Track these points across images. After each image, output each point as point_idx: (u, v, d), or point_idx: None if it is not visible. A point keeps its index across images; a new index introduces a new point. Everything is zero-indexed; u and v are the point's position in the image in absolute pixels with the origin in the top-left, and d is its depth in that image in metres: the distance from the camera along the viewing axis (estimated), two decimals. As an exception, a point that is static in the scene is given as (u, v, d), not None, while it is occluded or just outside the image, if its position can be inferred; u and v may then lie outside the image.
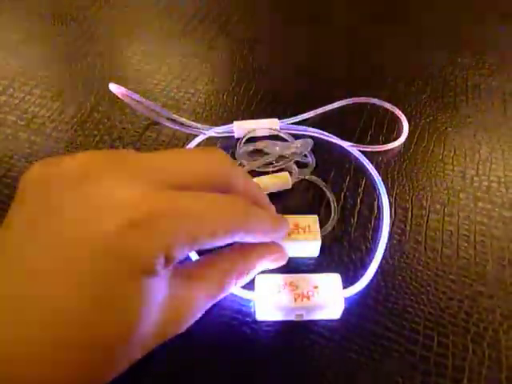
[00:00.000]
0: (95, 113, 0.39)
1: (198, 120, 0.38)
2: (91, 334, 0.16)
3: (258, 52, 0.45)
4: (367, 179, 0.33)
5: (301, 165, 0.33)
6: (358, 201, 0.32)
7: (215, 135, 0.37)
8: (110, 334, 0.17)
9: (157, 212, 0.17)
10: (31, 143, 0.36)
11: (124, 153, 0.20)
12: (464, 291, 0.27)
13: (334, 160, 0.35)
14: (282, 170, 0.32)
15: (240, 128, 0.36)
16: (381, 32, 0.48)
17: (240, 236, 0.21)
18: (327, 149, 0.35)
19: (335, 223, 0.30)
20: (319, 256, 0.29)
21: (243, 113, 0.39)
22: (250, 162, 0.32)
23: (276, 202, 0.26)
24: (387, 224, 0.30)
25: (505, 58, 0.44)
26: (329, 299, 0.24)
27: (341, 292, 0.25)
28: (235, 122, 0.36)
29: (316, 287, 0.25)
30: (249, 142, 0.34)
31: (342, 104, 0.39)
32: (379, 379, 0.24)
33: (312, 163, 0.33)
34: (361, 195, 0.32)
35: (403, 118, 0.38)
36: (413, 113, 0.39)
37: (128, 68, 0.43)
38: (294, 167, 0.32)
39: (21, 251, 0.16)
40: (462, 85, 0.41)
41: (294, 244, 0.27)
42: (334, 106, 0.39)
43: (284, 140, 0.35)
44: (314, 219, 0.28)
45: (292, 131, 0.36)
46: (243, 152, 0.33)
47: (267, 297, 0.25)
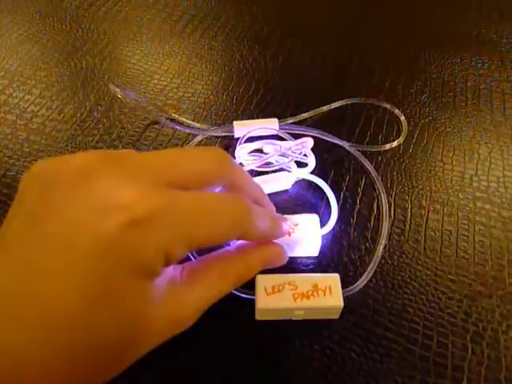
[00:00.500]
0: (95, 112, 0.38)
1: (198, 120, 0.38)
2: (91, 334, 0.16)
3: (258, 52, 0.45)
4: (366, 179, 0.33)
5: (300, 165, 0.33)
6: (358, 200, 0.32)
7: (215, 135, 0.37)
8: (110, 334, 0.17)
9: (157, 211, 0.17)
10: (30, 143, 0.36)
11: (124, 153, 0.20)
12: (463, 291, 0.27)
13: (334, 160, 0.35)
14: (282, 170, 0.32)
15: (240, 128, 0.36)
16: (380, 32, 0.48)
17: (240, 235, 0.21)
18: (327, 149, 0.35)
19: (334, 223, 0.30)
20: (319, 256, 0.29)
21: (243, 113, 0.39)
22: (250, 162, 0.32)
23: (275, 202, 0.26)
24: (386, 224, 0.30)
25: (504, 58, 0.44)
26: (328, 299, 0.24)
27: (340, 292, 0.25)
28: (235, 122, 0.36)
29: (315, 287, 0.25)
30: (248, 142, 0.34)
31: (342, 104, 0.39)
32: (379, 379, 0.24)
33: (311, 163, 0.33)
34: (360, 195, 0.32)
35: (402, 118, 0.38)
36: (412, 113, 0.39)
37: (127, 68, 0.43)
38: (294, 167, 0.32)
39: (21, 251, 0.16)
40: (462, 85, 0.42)
41: (294, 244, 0.27)
42: (334, 106, 0.39)
43: (283, 140, 0.35)
44: (314, 219, 0.28)
45: (291, 131, 0.36)
46: (243, 152, 0.33)
47: (267, 296, 0.25)
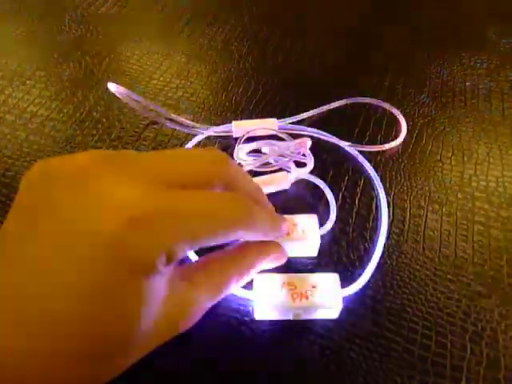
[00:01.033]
0: (94, 112, 0.38)
1: (197, 120, 0.38)
2: (91, 334, 0.16)
3: (257, 52, 0.45)
4: (365, 179, 0.33)
5: (299, 165, 0.33)
6: (357, 200, 0.32)
7: (214, 135, 0.37)
8: (110, 334, 0.17)
9: (157, 211, 0.17)
10: (30, 143, 0.36)
11: (124, 153, 0.20)
12: (462, 291, 0.27)
13: (333, 160, 0.35)
14: (281, 170, 0.32)
15: (239, 128, 0.36)
16: (379, 32, 0.48)
17: (240, 234, 0.21)
18: (326, 149, 0.35)
19: (333, 223, 0.30)
20: (318, 256, 0.29)
21: (242, 113, 0.39)
22: (249, 162, 0.32)
23: (274, 202, 0.26)
24: (385, 224, 0.30)
25: (503, 58, 0.44)
26: (327, 299, 0.24)
27: (339, 292, 0.25)
28: (234, 122, 0.36)
29: (314, 287, 0.25)
30: (247, 142, 0.34)
31: (341, 104, 0.39)
32: (378, 379, 0.24)
33: (310, 163, 0.33)
34: (359, 195, 0.32)
35: (401, 118, 0.38)
36: (411, 113, 0.39)
37: (127, 67, 0.43)
38: (293, 167, 0.32)
39: (21, 251, 0.16)
40: (461, 85, 0.42)
41: (293, 244, 0.27)
42: (333, 106, 0.39)
43: (282, 140, 0.35)
44: (313, 219, 0.28)
45: (290, 131, 0.36)
46: (242, 152, 0.33)
47: (266, 296, 0.25)
